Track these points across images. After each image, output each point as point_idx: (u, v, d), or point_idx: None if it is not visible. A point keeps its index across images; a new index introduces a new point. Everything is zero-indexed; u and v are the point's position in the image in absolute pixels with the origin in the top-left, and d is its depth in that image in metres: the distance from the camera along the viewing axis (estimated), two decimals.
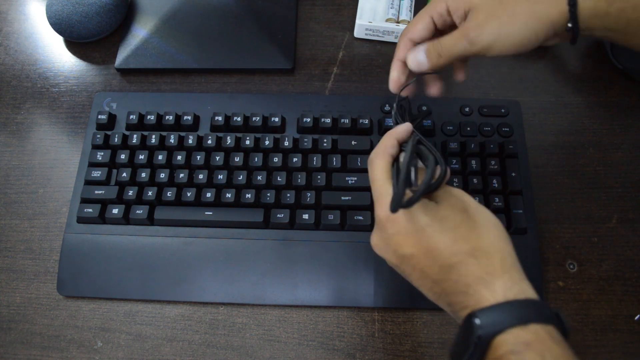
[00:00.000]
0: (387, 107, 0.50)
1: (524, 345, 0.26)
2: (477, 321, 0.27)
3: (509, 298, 0.28)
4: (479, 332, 0.27)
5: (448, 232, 0.30)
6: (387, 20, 0.56)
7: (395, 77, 0.40)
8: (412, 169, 0.31)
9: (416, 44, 0.38)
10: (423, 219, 0.31)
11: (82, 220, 0.47)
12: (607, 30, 0.33)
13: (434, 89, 0.41)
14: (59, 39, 0.60)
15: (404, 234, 0.31)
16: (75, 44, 0.59)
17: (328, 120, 0.49)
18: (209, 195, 0.47)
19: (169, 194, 0.47)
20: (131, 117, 0.50)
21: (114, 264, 0.46)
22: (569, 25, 0.32)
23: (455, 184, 0.46)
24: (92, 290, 0.45)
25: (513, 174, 0.47)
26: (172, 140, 0.49)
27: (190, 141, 0.49)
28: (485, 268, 0.29)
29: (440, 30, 0.38)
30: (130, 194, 0.47)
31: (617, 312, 0.44)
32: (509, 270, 0.29)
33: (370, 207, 0.46)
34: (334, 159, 0.48)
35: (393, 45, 0.58)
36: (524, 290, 0.29)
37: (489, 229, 0.31)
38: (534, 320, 0.27)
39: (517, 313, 0.27)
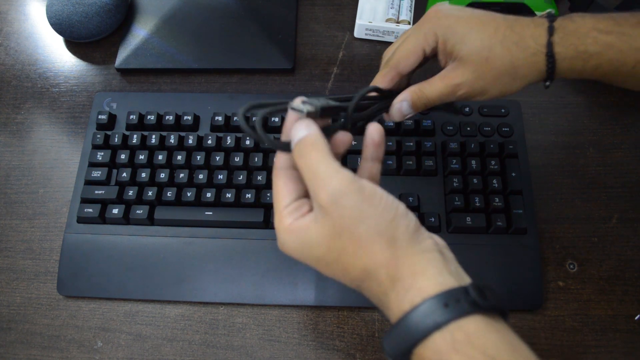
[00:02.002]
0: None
1: None
2: (384, 346, 0.26)
3: (405, 310, 0.25)
4: (390, 357, 0.26)
5: (337, 264, 0.28)
6: (387, 20, 0.56)
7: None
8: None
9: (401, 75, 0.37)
10: (314, 252, 0.28)
11: (82, 220, 0.47)
12: (582, 78, 0.35)
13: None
14: (59, 39, 0.60)
15: (312, 265, 0.29)
16: (75, 44, 0.59)
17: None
18: (209, 195, 0.47)
19: (169, 194, 0.47)
20: (131, 117, 0.50)
21: (114, 264, 0.46)
22: (546, 84, 0.35)
23: (455, 184, 0.46)
24: (92, 290, 0.45)
25: (513, 174, 0.47)
26: (172, 140, 0.49)
27: (190, 141, 0.49)
28: (377, 289, 0.27)
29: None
30: (130, 194, 0.47)
31: (617, 312, 0.44)
32: (399, 279, 0.26)
33: None
34: None
35: None
36: (421, 290, 0.25)
37: (371, 246, 0.27)
38: (433, 328, 0.24)
39: (413, 329, 0.25)
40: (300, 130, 0.28)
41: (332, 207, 0.26)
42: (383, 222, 0.27)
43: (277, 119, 0.50)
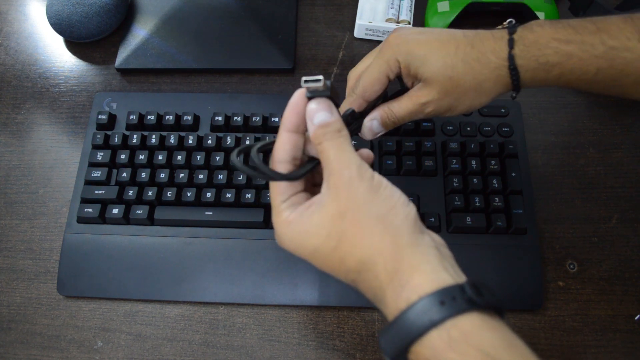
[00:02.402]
0: None
1: None
2: (380, 344, 0.26)
3: (401, 307, 0.25)
4: (387, 355, 0.26)
5: (335, 253, 0.28)
6: (387, 20, 0.56)
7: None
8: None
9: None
10: (313, 241, 0.28)
11: (82, 220, 0.47)
12: (548, 86, 0.36)
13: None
14: (59, 39, 0.60)
15: (309, 258, 0.29)
16: (75, 44, 0.59)
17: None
18: (209, 195, 0.47)
19: (169, 194, 0.47)
20: (131, 117, 0.50)
21: (114, 264, 0.46)
22: (513, 94, 0.35)
23: (455, 184, 0.46)
24: (92, 290, 0.45)
25: (513, 174, 0.47)
26: (172, 140, 0.49)
27: (190, 141, 0.49)
28: (374, 282, 0.27)
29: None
30: (130, 194, 0.47)
31: (617, 312, 0.44)
32: (395, 272, 0.26)
33: None
34: None
35: None
36: (417, 287, 0.25)
37: (371, 231, 0.27)
38: (430, 327, 0.24)
39: (410, 327, 0.25)
40: (324, 112, 0.29)
41: (346, 187, 0.27)
42: (383, 208, 0.27)
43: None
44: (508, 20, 0.35)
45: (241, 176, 0.47)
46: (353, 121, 0.37)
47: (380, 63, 0.36)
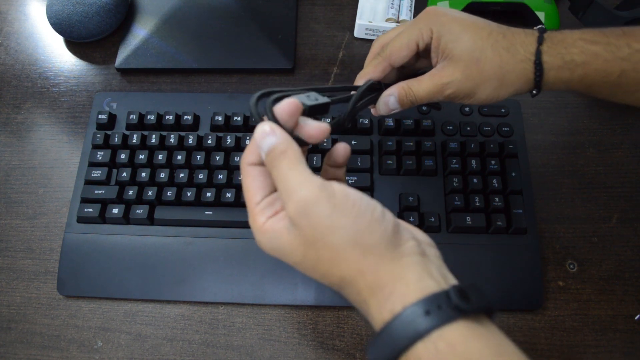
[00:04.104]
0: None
1: None
2: (368, 357, 0.26)
3: (386, 319, 0.25)
4: None
5: (315, 270, 0.27)
6: (387, 20, 0.56)
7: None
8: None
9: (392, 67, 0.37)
10: (290, 258, 0.28)
11: (82, 220, 0.47)
12: (569, 89, 0.35)
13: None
14: (59, 39, 0.60)
15: (292, 265, 0.29)
16: (75, 44, 0.59)
17: (328, 120, 0.49)
18: (209, 195, 0.47)
19: (169, 193, 0.47)
20: (131, 117, 0.50)
21: (114, 264, 0.46)
22: (534, 92, 0.36)
23: (455, 184, 0.46)
24: (92, 290, 0.45)
25: (513, 174, 0.47)
26: (172, 140, 0.49)
27: (190, 141, 0.49)
28: (356, 297, 0.26)
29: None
30: (130, 193, 0.47)
31: (617, 312, 0.44)
32: (378, 287, 0.25)
33: None
34: None
35: None
36: (401, 297, 0.25)
37: (348, 256, 0.26)
38: (415, 338, 0.24)
39: (396, 339, 0.24)
40: (268, 136, 0.26)
41: (301, 218, 0.26)
42: (357, 230, 0.25)
43: None
44: (539, 26, 0.36)
45: (241, 176, 0.47)
46: (372, 93, 0.37)
47: (413, 29, 0.36)
